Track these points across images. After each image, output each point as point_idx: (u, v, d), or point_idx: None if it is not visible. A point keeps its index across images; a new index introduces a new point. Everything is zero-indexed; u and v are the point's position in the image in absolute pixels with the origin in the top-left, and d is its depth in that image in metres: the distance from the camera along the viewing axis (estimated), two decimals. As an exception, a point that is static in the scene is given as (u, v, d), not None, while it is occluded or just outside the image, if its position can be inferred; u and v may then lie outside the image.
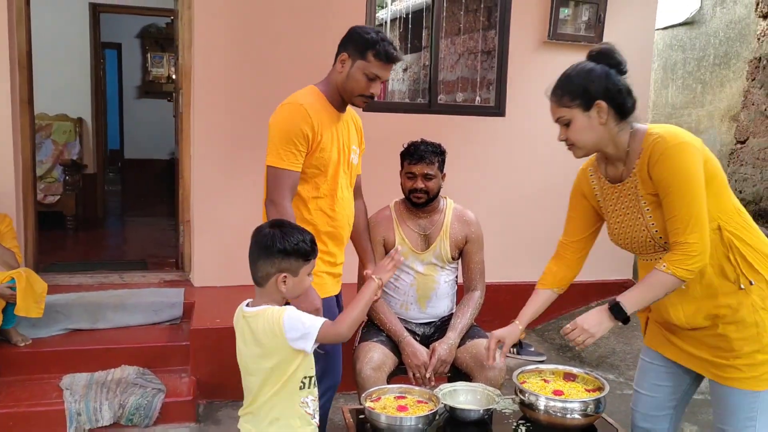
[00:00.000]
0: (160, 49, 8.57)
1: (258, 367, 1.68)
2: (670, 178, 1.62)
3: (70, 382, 2.98)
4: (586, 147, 1.74)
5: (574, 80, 1.70)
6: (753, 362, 1.67)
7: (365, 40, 2.06)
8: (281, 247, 1.67)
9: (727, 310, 1.68)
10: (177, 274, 4.06)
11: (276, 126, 2.07)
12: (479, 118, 4.25)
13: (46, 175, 5.76)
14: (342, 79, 2.12)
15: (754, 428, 1.69)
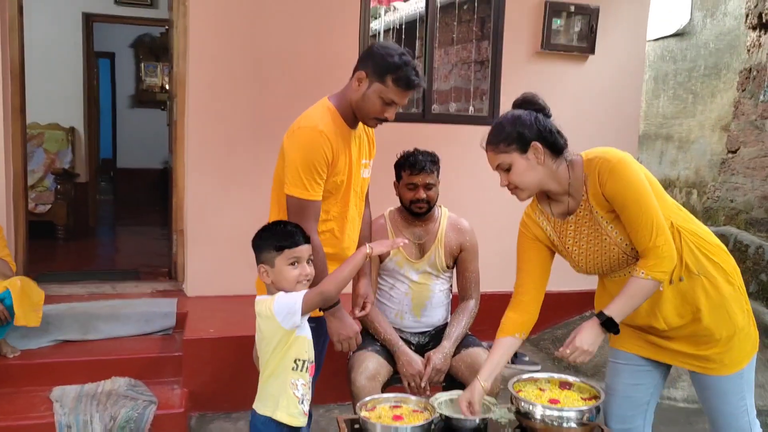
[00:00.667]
0: (154, 59, 8.57)
1: (263, 351, 1.83)
2: (624, 192, 1.71)
3: (59, 395, 2.94)
4: (530, 188, 1.82)
5: (507, 128, 1.78)
6: (731, 347, 1.79)
7: (386, 64, 1.93)
8: (256, 242, 1.85)
9: (703, 299, 1.78)
10: (170, 284, 4.03)
11: (297, 154, 1.94)
12: (472, 128, 4.25)
13: (38, 184, 5.73)
14: (357, 98, 2.00)
15: (746, 407, 1.81)
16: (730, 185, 5.41)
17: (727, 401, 1.83)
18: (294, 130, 1.99)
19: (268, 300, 1.80)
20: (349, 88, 2.04)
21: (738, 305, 1.81)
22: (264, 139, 3.83)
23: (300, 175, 1.94)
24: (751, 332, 1.84)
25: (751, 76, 5.18)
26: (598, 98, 4.44)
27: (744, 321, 1.82)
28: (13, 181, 3.63)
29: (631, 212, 1.71)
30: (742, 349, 1.81)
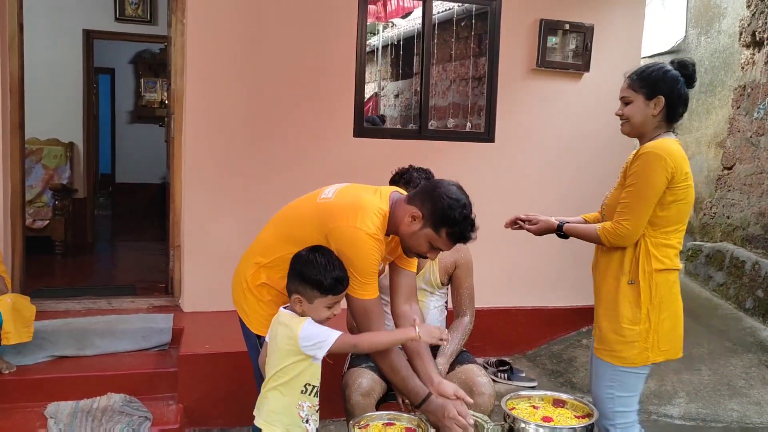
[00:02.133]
0: (153, 75, 8.63)
1: (273, 360, 1.83)
2: (634, 176, 2.01)
3: (54, 411, 2.93)
4: (634, 126, 2.08)
5: (651, 74, 2.04)
6: (609, 340, 2.10)
7: (447, 217, 1.87)
8: (301, 271, 1.81)
9: (609, 290, 2.10)
10: (166, 300, 4.03)
11: (360, 257, 1.86)
12: (469, 144, 4.29)
13: (36, 200, 5.74)
14: (405, 232, 1.93)
15: (613, 396, 2.12)
16: (726, 201, 5.43)
17: (597, 383, 2.17)
18: (351, 227, 1.86)
19: (297, 319, 1.80)
20: (399, 216, 1.93)
21: (629, 318, 2.06)
22: (261, 154, 3.86)
23: (366, 278, 1.90)
24: (635, 348, 2.06)
25: (746, 93, 5.23)
26: (594, 115, 4.47)
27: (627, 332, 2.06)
28: (11, 197, 3.65)
29: (628, 191, 2.02)
30: (621, 351, 2.07)
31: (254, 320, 2.08)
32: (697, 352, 4.07)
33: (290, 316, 1.82)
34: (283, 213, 2.14)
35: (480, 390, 2.35)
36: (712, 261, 5.18)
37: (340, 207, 1.92)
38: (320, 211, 1.96)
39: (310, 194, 2.09)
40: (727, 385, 3.73)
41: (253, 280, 2.06)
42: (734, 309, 4.68)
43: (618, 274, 2.08)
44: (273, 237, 2.07)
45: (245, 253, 2.18)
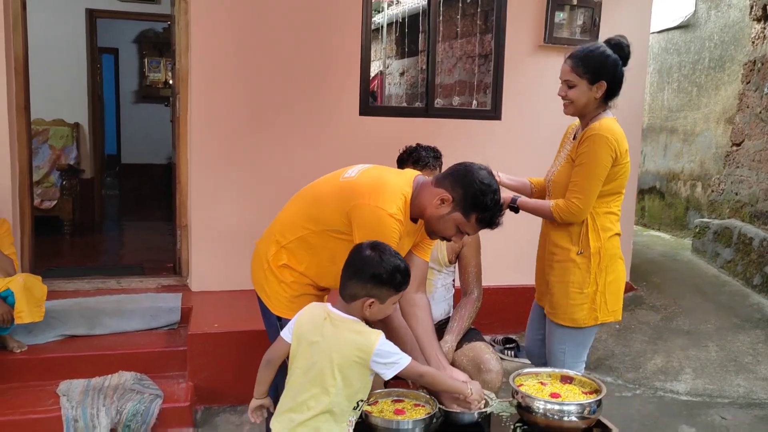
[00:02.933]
0: (158, 54, 8.58)
1: (323, 368, 1.65)
2: (583, 156, 2.15)
3: (66, 389, 2.97)
4: (577, 108, 2.20)
5: (594, 59, 2.14)
6: (561, 304, 2.27)
7: (478, 203, 1.86)
8: (377, 273, 1.67)
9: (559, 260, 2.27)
10: (175, 279, 4.05)
11: (382, 239, 1.79)
12: (475, 122, 4.26)
13: (43, 180, 5.75)
14: (433, 216, 1.90)
15: (563, 355, 2.32)
16: (734, 178, 5.39)
17: (552, 342, 2.36)
18: (373, 205, 1.84)
19: (370, 331, 1.68)
20: (427, 199, 1.90)
21: (579, 284, 2.24)
22: (267, 134, 3.85)
23: None
24: (584, 309, 2.25)
25: (756, 68, 5.16)
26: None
27: (577, 296, 2.24)
28: (19, 177, 3.66)
29: (578, 171, 2.17)
30: (573, 313, 2.26)
31: (275, 301, 2.05)
32: (704, 328, 4.08)
33: (358, 324, 1.69)
34: (305, 192, 2.11)
35: (488, 367, 2.37)
36: (720, 238, 5.16)
37: (363, 186, 1.90)
38: (343, 189, 1.94)
39: (333, 173, 2.06)
40: (734, 361, 3.74)
41: (274, 260, 2.03)
42: (742, 285, 4.68)
43: (568, 245, 2.25)
44: (294, 215, 2.05)
45: (266, 230, 2.14)
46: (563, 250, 2.26)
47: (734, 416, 3.24)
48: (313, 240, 1.98)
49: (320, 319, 1.71)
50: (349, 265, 1.72)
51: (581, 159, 2.16)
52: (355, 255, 1.72)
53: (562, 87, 2.20)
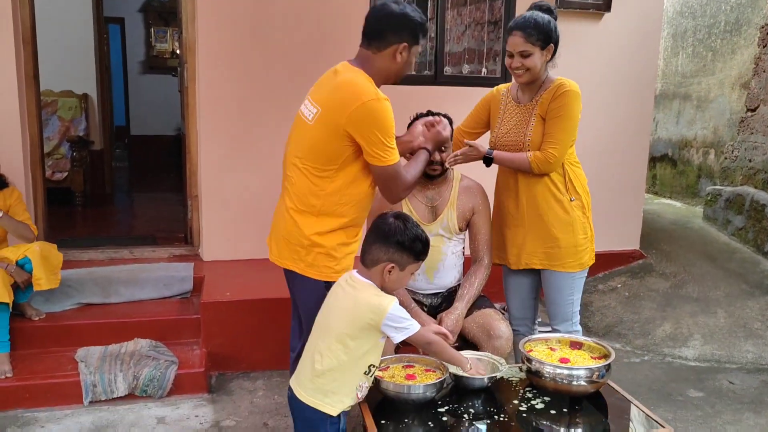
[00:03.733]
0: (164, 24, 8.51)
1: (337, 327, 1.75)
2: (560, 110, 2.32)
3: (84, 355, 3.04)
4: (533, 74, 2.35)
5: (542, 27, 2.30)
6: (568, 253, 2.41)
7: (417, 25, 2.03)
8: (400, 240, 1.77)
9: (558, 212, 2.40)
10: (186, 249, 4.10)
11: (383, 122, 1.92)
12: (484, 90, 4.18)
13: (54, 152, 5.78)
14: (398, 67, 2.05)
15: (573, 302, 2.48)
16: (748, 144, 5.32)
17: (560, 294, 2.47)
18: (364, 103, 1.90)
19: (385, 296, 1.76)
20: (383, 60, 2.03)
21: (582, 228, 2.43)
22: (275, 102, 3.83)
23: (389, 143, 1.95)
24: (587, 251, 2.46)
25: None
26: (614, 57, 4.36)
27: (583, 241, 2.43)
28: (30, 149, 3.68)
29: (553, 124, 2.33)
30: (580, 258, 2.43)
31: (325, 268, 2.01)
32: (713, 295, 4.08)
33: (374, 289, 1.78)
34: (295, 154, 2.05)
35: (497, 333, 2.39)
36: (732, 205, 5.13)
37: (336, 102, 1.93)
38: (324, 122, 1.95)
39: (297, 125, 2.10)
40: (743, 327, 3.75)
41: (319, 231, 1.99)
42: (753, 253, 4.66)
43: (558, 196, 2.40)
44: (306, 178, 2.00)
45: (284, 212, 2.07)
46: (555, 203, 2.40)
47: (742, 381, 3.27)
48: (340, 180, 1.98)
49: (344, 280, 1.84)
50: (372, 231, 1.83)
51: (557, 113, 2.32)
52: (380, 222, 1.82)
53: (516, 59, 2.33)
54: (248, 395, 3.05)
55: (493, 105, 2.60)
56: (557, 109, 2.32)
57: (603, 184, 4.03)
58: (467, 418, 1.88)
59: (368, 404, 1.92)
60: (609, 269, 4.56)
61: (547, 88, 2.38)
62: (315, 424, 1.79)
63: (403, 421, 1.86)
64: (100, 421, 2.74)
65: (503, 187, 2.56)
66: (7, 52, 3.44)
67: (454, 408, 1.92)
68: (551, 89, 2.36)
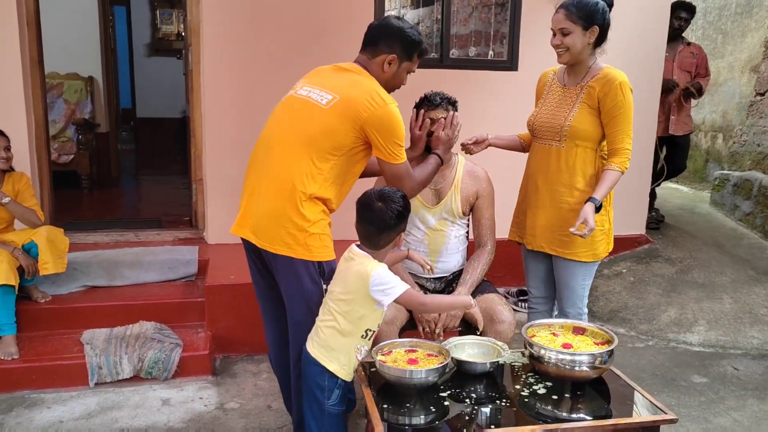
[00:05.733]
0: (169, 6, 8.45)
1: (335, 294, 1.92)
2: (617, 108, 2.29)
3: (90, 337, 3.07)
4: (573, 55, 2.33)
5: (586, 6, 2.27)
6: (584, 242, 2.34)
7: (413, 42, 2.14)
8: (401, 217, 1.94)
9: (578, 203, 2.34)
10: (191, 232, 4.11)
11: (400, 127, 2.07)
12: (491, 73, 4.18)
13: (60, 135, 5.79)
14: (387, 77, 2.17)
15: (585, 286, 2.49)
16: (758, 129, 5.27)
17: (573, 281, 2.46)
18: (381, 106, 2.03)
19: (371, 262, 1.89)
20: (375, 68, 2.15)
21: (599, 221, 2.34)
22: (279, 85, 3.77)
23: (399, 144, 2.09)
24: (602, 243, 2.43)
25: (785, 13, 4.96)
26: (622, 41, 4.28)
27: (599, 233, 2.38)
28: (35, 132, 3.68)
29: (619, 120, 2.29)
30: (596, 248, 2.41)
31: (316, 249, 2.04)
32: (719, 280, 4.06)
33: (364, 258, 1.91)
34: (300, 136, 2.05)
35: (500, 318, 2.39)
36: (740, 190, 5.09)
37: (358, 98, 2.03)
38: (341, 111, 2.03)
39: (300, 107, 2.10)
40: (749, 313, 3.74)
41: (312, 213, 2.02)
42: (760, 238, 4.63)
43: (585, 187, 2.37)
44: (306, 160, 2.02)
45: (270, 196, 2.07)
46: (582, 192, 2.37)
47: (746, 367, 3.26)
48: (338, 167, 2.07)
49: (346, 252, 1.99)
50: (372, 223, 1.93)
51: (615, 110, 2.29)
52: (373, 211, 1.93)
53: (557, 36, 2.32)
54: (252, 378, 3.07)
55: (539, 86, 2.60)
56: (615, 107, 2.28)
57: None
58: (469, 402, 1.89)
59: (370, 388, 1.92)
60: (614, 254, 4.54)
61: (594, 75, 2.34)
62: (318, 376, 1.92)
63: (405, 405, 1.87)
64: (106, 402, 2.77)
65: (532, 168, 2.54)
66: (11, 35, 3.43)
67: (456, 393, 1.93)
68: (600, 78, 2.32)
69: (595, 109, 2.33)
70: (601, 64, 2.38)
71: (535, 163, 2.51)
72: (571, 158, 2.38)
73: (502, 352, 2.05)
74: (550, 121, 2.42)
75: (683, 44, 4.81)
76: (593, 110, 2.34)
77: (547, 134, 2.44)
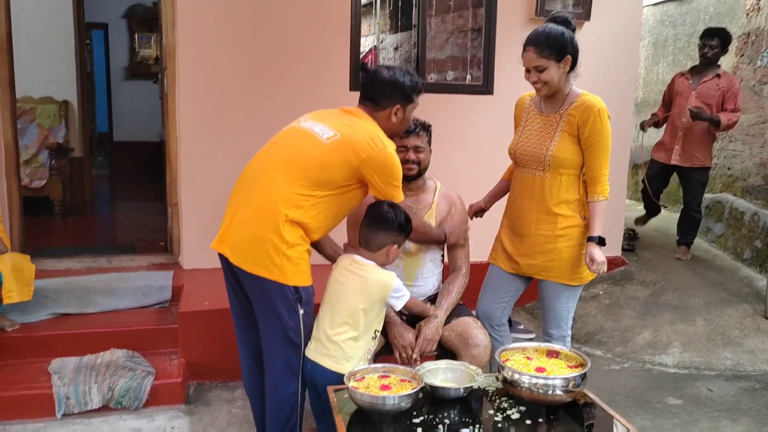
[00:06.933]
0: (148, 30, 8.46)
1: (350, 304, 2.12)
2: (599, 134, 2.35)
3: (59, 366, 2.99)
4: (551, 87, 2.37)
5: (555, 39, 2.31)
6: (570, 266, 2.45)
7: (411, 88, 2.24)
8: (400, 224, 2.19)
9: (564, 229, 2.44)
10: (166, 257, 4.05)
11: (398, 170, 2.19)
12: (467, 97, 4.24)
13: (32, 160, 5.70)
14: (395, 126, 2.28)
15: (569, 309, 2.54)
16: (728, 152, 5.39)
17: (557, 303, 2.53)
18: (381, 149, 2.13)
19: (388, 272, 2.18)
20: (382, 120, 2.24)
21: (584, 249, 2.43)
22: (255, 110, 3.81)
23: (396, 186, 2.21)
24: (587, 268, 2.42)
25: (750, 40, 5.12)
26: (595, 65, 4.37)
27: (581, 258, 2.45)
28: (5, 156, 3.62)
29: (597, 149, 2.36)
30: (580, 273, 2.47)
31: (293, 273, 2.10)
32: (692, 302, 4.11)
33: (378, 268, 2.17)
34: (292, 162, 2.12)
35: (475, 342, 2.39)
36: (712, 212, 5.18)
37: (359, 139, 2.13)
38: (339, 149, 2.12)
39: (300, 136, 2.19)
40: (722, 334, 3.78)
41: (292, 237, 2.07)
42: (732, 260, 4.70)
43: (571, 213, 2.43)
44: (298, 188, 2.08)
45: (253, 215, 2.10)
46: (567, 218, 2.43)
47: (720, 388, 3.29)
48: (324, 201, 2.13)
49: (347, 265, 2.19)
50: (374, 221, 2.19)
51: (594, 138, 2.35)
52: (379, 211, 2.19)
53: (533, 74, 2.35)
54: (226, 405, 3.01)
55: (517, 111, 2.63)
56: (593, 134, 2.34)
57: (584, 192, 4.05)
58: (443, 428, 1.87)
59: (342, 416, 1.90)
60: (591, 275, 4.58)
61: (573, 102, 2.38)
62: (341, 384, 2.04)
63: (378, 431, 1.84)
64: (74, 433, 2.70)
65: (516, 195, 2.58)
66: (-18, 59, 3.40)
67: (429, 419, 1.91)
68: (578, 106, 2.36)
69: (575, 136, 2.38)
70: (578, 90, 2.42)
71: (519, 191, 2.55)
72: (555, 187, 2.42)
73: (475, 377, 2.04)
74: (533, 150, 2.45)
75: (713, 74, 4.51)
76: (573, 138, 2.38)
77: (531, 163, 2.47)
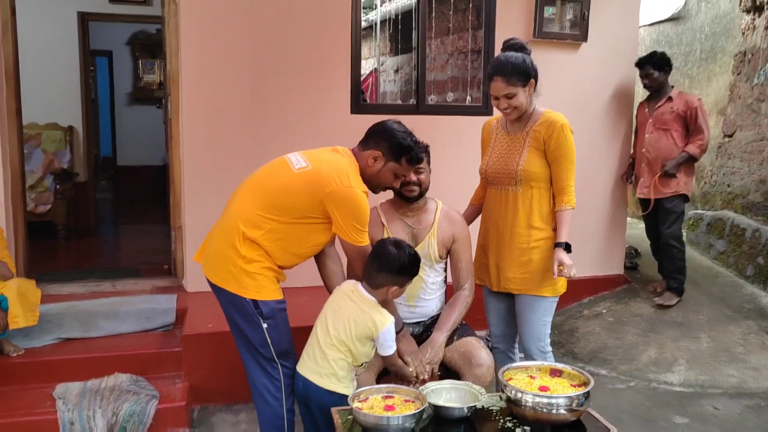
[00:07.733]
0: (151, 56, 8.58)
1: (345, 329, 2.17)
2: (563, 148, 2.46)
3: (63, 392, 2.99)
4: (520, 111, 2.49)
5: (519, 66, 2.42)
6: (545, 278, 2.51)
7: (401, 147, 2.27)
8: (403, 265, 2.18)
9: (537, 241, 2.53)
10: (170, 281, 4.07)
11: (360, 212, 2.20)
12: (467, 118, 4.28)
13: (37, 185, 5.76)
14: (372, 173, 2.30)
15: (546, 322, 2.60)
16: (727, 170, 5.41)
17: (534, 318, 2.58)
18: (340, 188, 2.16)
19: (384, 314, 2.18)
20: (362, 160, 2.30)
21: None
22: (258, 134, 3.86)
23: (363, 227, 2.23)
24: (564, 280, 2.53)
25: (746, 59, 5.18)
26: (592, 86, 4.45)
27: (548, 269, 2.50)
28: (11, 182, 3.66)
29: (563, 161, 2.48)
30: (554, 284, 2.54)
31: (252, 287, 2.23)
32: (696, 319, 4.10)
33: (376, 305, 2.18)
34: (260, 185, 2.28)
35: (478, 362, 2.39)
36: (713, 229, 5.19)
37: (327, 173, 2.18)
38: (307, 180, 2.19)
39: (277, 164, 2.32)
40: (726, 351, 3.77)
41: (249, 253, 2.20)
42: (735, 276, 4.70)
43: (542, 225, 2.52)
44: (259, 209, 2.21)
45: (219, 231, 2.29)
46: (540, 230, 2.52)
47: (725, 406, 3.27)
48: (284, 228, 2.21)
49: (349, 291, 2.22)
50: (376, 259, 2.19)
51: (559, 152, 2.47)
52: (383, 252, 2.19)
53: (502, 101, 2.46)
54: (230, 429, 3.00)
55: (484, 135, 2.77)
56: (558, 148, 2.46)
57: (585, 210, 4.07)
58: (447, 449, 1.87)
59: (347, 437, 1.90)
60: (594, 294, 4.58)
61: (536, 120, 2.52)
62: (338, 401, 2.10)
63: (382, 453, 1.84)
64: (78, 458, 2.69)
65: (490, 211, 2.66)
66: (-10, 88, 3.46)
67: (433, 439, 1.91)
68: (542, 122, 2.49)
69: (541, 151, 2.50)
70: (540, 108, 2.55)
71: (493, 207, 2.64)
72: (527, 200, 2.53)
73: (479, 396, 2.04)
74: (503, 167, 2.56)
75: (665, 98, 4.23)
76: (540, 152, 2.50)
77: (503, 180, 2.58)
